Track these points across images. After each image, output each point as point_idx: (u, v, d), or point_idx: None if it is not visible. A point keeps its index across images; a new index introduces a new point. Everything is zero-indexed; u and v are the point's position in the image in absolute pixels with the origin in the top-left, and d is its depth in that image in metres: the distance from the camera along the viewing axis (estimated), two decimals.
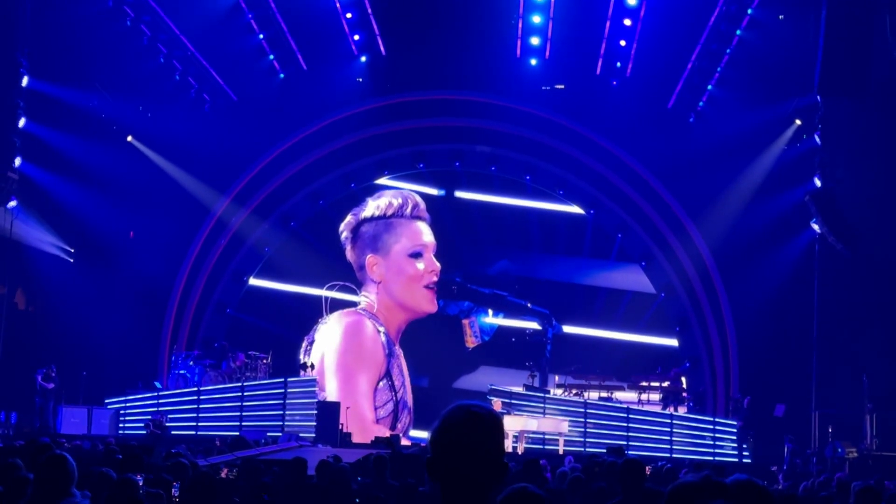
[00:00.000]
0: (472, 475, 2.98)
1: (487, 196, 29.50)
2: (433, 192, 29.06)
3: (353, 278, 27.43)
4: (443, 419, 3.03)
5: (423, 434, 25.80)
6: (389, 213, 27.17)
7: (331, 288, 27.13)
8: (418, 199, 27.53)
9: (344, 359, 26.25)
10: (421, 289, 27.10)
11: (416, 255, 27.10)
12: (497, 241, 29.51)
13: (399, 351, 27.19)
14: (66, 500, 5.63)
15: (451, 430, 3.00)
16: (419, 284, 27.09)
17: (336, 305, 27.21)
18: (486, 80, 28.25)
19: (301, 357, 26.35)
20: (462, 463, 2.97)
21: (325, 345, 26.56)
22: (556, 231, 29.40)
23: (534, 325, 28.36)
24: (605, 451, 16.10)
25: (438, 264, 27.23)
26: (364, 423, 24.59)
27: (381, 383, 26.35)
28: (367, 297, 27.28)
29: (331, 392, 25.43)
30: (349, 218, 27.46)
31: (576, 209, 29.14)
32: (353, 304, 27.42)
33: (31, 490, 5.87)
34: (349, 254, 27.47)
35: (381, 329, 26.72)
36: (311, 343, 26.88)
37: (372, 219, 27.20)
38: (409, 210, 27.22)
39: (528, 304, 28.29)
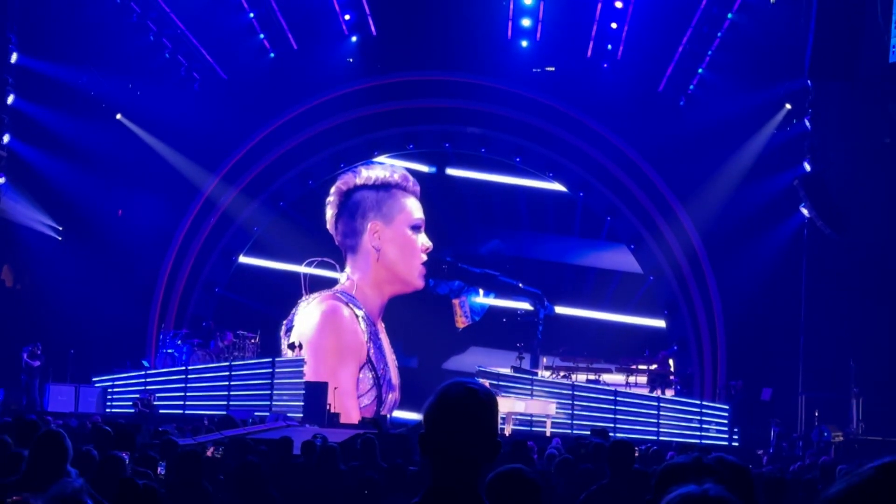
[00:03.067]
0: (465, 452, 2.96)
1: (477, 174, 29.45)
2: (423, 168, 29.04)
3: (339, 256, 27.46)
4: (439, 395, 3.01)
5: (409, 415, 25.78)
6: (392, 182, 27.35)
7: (309, 264, 27.14)
8: (413, 179, 27.77)
9: (320, 354, 25.95)
10: (418, 262, 27.20)
11: (416, 229, 27.28)
12: (487, 220, 29.45)
13: (381, 326, 27.17)
14: (61, 478, 5.61)
15: (447, 406, 2.98)
16: (417, 259, 27.19)
17: (315, 282, 27.21)
18: (476, 62, 28.11)
19: (282, 342, 26.31)
20: (457, 439, 2.96)
21: (302, 333, 26.38)
22: (545, 210, 29.33)
23: (525, 306, 28.31)
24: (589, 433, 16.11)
25: (430, 242, 27.35)
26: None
27: (361, 372, 26.32)
28: (348, 275, 27.25)
29: None
30: (339, 184, 27.47)
31: (565, 188, 29.09)
32: (334, 281, 27.44)
33: (24, 467, 5.82)
34: (334, 219, 27.42)
35: (360, 313, 26.66)
36: (289, 329, 26.84)
37: (374, 186, 27.29)
38: (409, 185, 27.52)
39: (520, 284, 28.20)
